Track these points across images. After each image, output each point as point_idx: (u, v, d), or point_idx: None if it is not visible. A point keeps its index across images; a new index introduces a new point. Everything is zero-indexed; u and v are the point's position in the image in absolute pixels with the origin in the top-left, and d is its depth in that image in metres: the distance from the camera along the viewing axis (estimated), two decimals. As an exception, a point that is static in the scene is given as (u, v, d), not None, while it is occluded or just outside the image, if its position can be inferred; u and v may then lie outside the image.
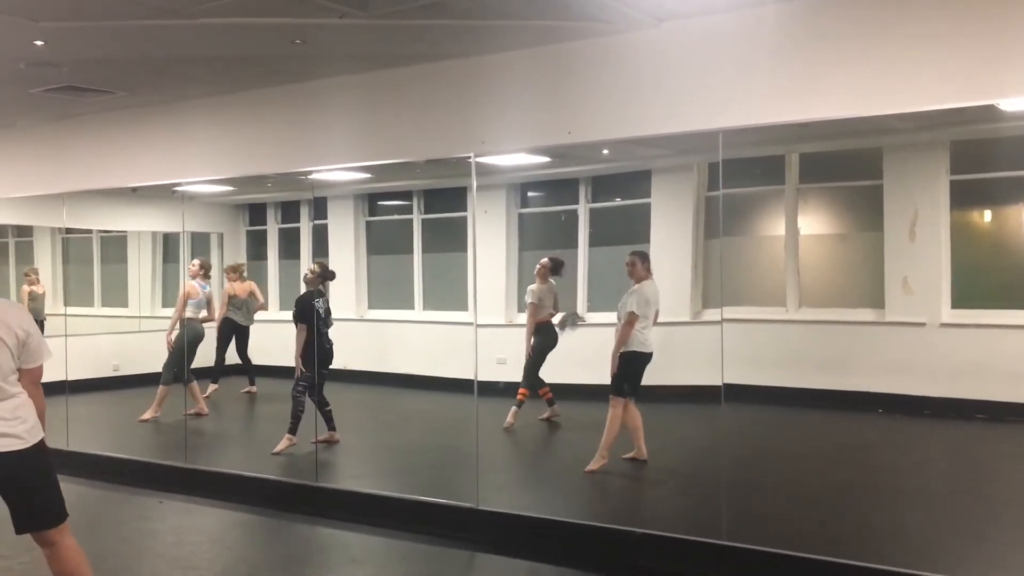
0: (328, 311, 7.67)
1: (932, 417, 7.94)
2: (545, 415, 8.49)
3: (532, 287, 8.47)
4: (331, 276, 7.87)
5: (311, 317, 7.35)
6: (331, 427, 7.66)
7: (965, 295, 8.31)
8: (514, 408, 8.20)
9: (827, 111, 4.81)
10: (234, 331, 9.76)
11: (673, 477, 6.86)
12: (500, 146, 5.95)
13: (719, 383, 5.22)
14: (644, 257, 6.78)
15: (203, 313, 9.04)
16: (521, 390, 8.27)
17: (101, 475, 7.18)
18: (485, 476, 6.13)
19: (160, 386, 8.77)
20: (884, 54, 4.60)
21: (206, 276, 9.20)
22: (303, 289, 7.84)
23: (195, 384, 8.95)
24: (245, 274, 10.04)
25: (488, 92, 5.91)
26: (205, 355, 9.30)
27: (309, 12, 5.02)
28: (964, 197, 8.44)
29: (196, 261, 9.23)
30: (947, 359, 8.02)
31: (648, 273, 6.71)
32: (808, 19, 4.84)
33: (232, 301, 9.71)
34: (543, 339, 8.35)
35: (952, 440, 7.72)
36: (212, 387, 9.71)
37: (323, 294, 7.68)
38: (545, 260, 8.54)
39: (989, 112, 4.82)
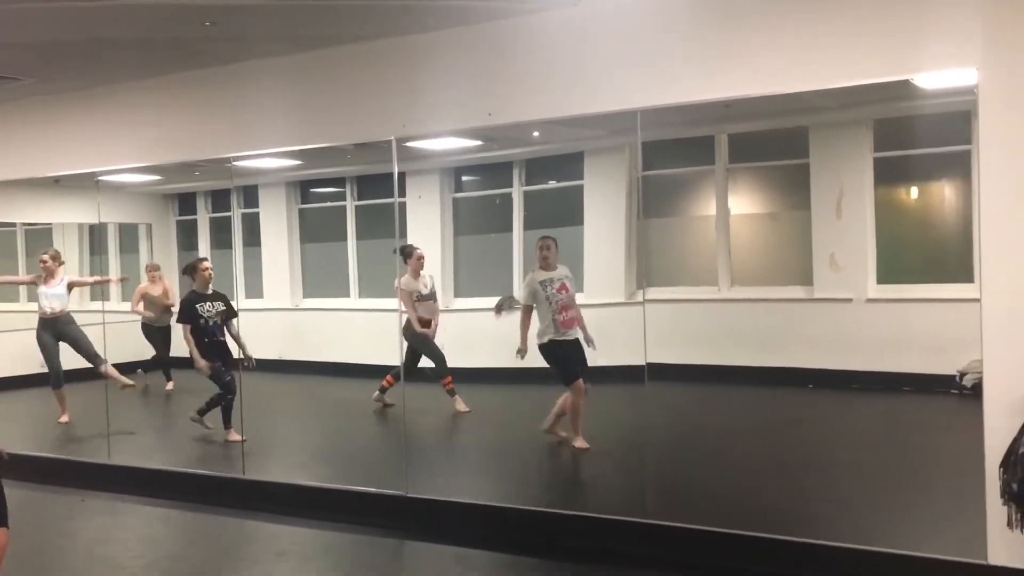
0: (220, 314, 7.42)
1: (861, 390, 8.08)
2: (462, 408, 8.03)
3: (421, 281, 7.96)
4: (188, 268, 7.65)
5: (191, 318, 7.33)
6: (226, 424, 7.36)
7: (890, 270, 8.45)
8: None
9: (745, 89, 4.81)
10: (152, 332, 9.40)
11: (600, 457, 6.88)
12: (422, 128, 5.87)
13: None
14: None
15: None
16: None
17: (20, 475, 6.95)
18: (414, 463, 6.08)
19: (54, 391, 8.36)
20: (801, 31, 4.63)
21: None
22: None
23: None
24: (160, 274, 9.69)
25: (409, 74, 5.81)
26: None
27: (216, -8, 4.89)
28: (888, 174, 8.56)
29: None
30: (874, 333, 8.14)
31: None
32: (725, -3, 4.85)
33: (146, 300, 9.38)
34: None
35: (880, 412, 7.86)
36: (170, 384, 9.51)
37: (208, 297, 7.45)
38: (420, 252, 8.11)
39: (909, 89, 4.85)
